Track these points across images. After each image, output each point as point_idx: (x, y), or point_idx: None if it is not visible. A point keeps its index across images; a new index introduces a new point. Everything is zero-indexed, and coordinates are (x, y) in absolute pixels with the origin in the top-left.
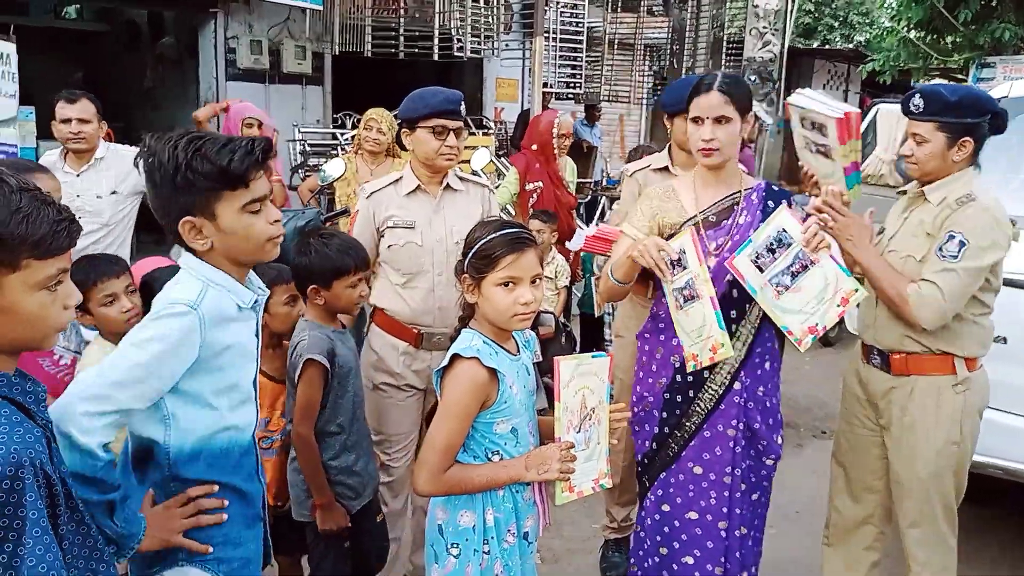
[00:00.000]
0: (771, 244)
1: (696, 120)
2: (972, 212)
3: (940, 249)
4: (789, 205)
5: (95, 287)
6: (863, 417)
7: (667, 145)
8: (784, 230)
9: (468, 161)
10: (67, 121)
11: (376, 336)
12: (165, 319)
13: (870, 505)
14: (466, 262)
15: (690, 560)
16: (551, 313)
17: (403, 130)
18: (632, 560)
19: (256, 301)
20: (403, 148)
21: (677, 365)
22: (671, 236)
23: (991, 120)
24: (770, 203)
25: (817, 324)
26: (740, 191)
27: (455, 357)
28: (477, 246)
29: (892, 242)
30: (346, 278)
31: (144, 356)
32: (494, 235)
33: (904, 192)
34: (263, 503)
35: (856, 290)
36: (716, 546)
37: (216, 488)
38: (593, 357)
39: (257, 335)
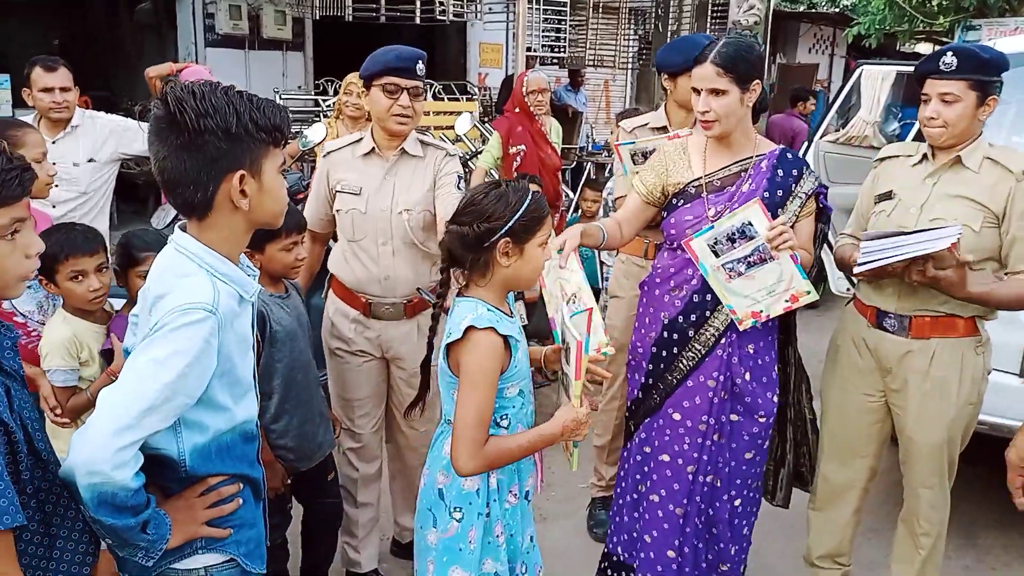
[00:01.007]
0: (733, 234)
1: (695, 90)
2: None
3: None
4: (801, 174)
5: (65, 262)
6: (863, 384)
7: (662, 104)
8: (750, 223)
9: (452, 127)
10: (49, 90)
11: (330, 301)
12: (184, 329)
13: (859, 470)
14: (509, 227)
15: (655, 498)
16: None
17: (361, 90)
18: (613, 498)
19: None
20: None
21: (666, 321)
22: (678, 196)
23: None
24: (779, 171)
25: (762, 312)
26: (751, 157)
27: (469, 329)
28: (524, 209)
29: (926, 211)
30: (278, 241)
31: (169, 375)
32: (529, 197)
33: (887, 158)
34: (263, 483)
35: (808, 292)
36: (681, 488)
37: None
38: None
39: (253, 323)
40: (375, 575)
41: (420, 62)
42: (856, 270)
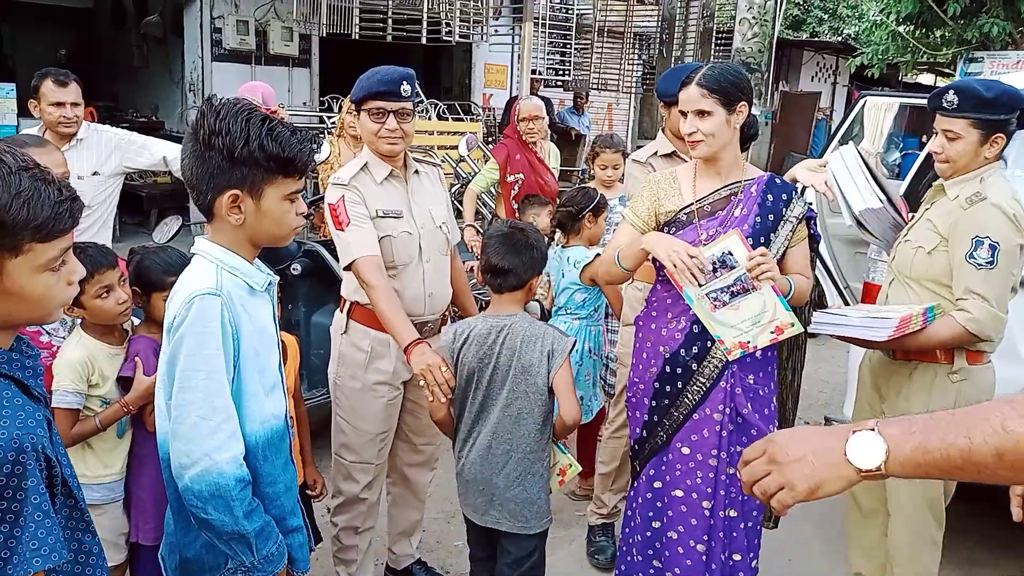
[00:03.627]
0: (714, 263)
1: (683, 113)
2: (988, 212)
3: (971, 256)
4: (791, 199)
5: (91, 279)
6: (870, 406)
7: (660, 130)
8: (730, 253)
9: (456, 147)
10: (60, 104)
11: (357, 336)
12: (196, 315)
13: (880, 493)
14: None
15: (674, 535)
16: (538, 301)
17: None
18: (621, 538)
19: (270, 284)
20: None
21: (667, 355)
22: (670, 224)
23: (1019, 115)
24: (769, 196)
25: (749, 343)
26: (740, 182)
27: None
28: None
29: (910, 232)
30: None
31: (205, 361)
32: None
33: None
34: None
35: (792, 324)
36: (699, 524)
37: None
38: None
39: (274, 319)
40: None
41: (405, 82)
42: (810, 328)
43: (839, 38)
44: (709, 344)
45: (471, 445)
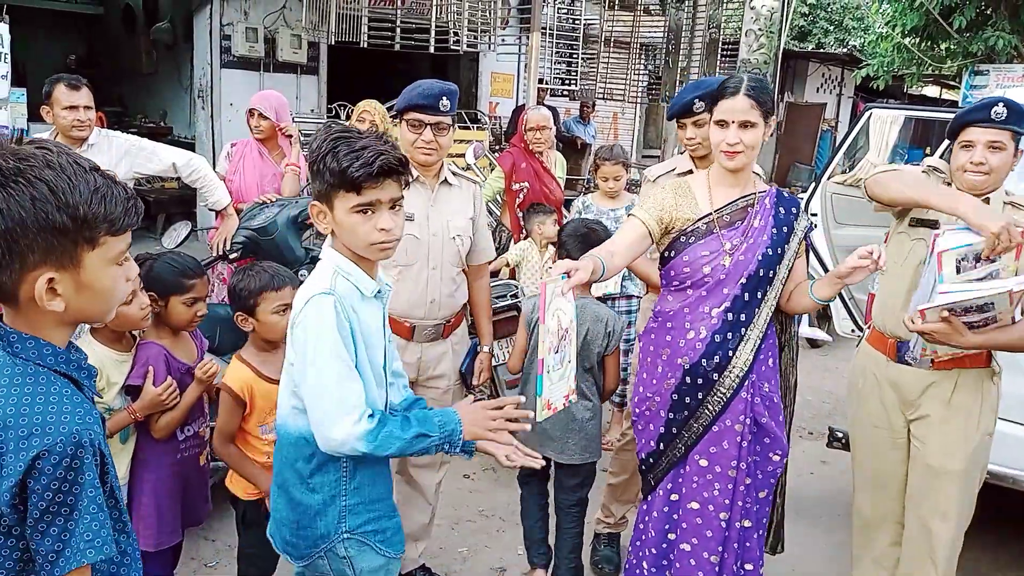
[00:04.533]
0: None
1: (721, 123)
2: None
3: None
4: (799, 213)
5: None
6: (889, 421)
7: (679, 151)
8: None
9: (463, 155)
10: (73, 108)
11: None
12: (313, 314)
13: (891, 504)
14: None
15: (687, 547)
16: None
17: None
18: (630, 551)
19: (379, 292)
20: None
21: (687, 367)
22: (688, 233)
23: None
24: (781, 209)
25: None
26: (755, 193)
27: None
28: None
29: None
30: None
31: (331, 354)
32: None
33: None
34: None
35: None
36: (715, 535)
37: (523, 399)
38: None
39: (384, 324)
40: None
41: (445, 97)
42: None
43: (845, 50)
44: (730, 354)
45: None
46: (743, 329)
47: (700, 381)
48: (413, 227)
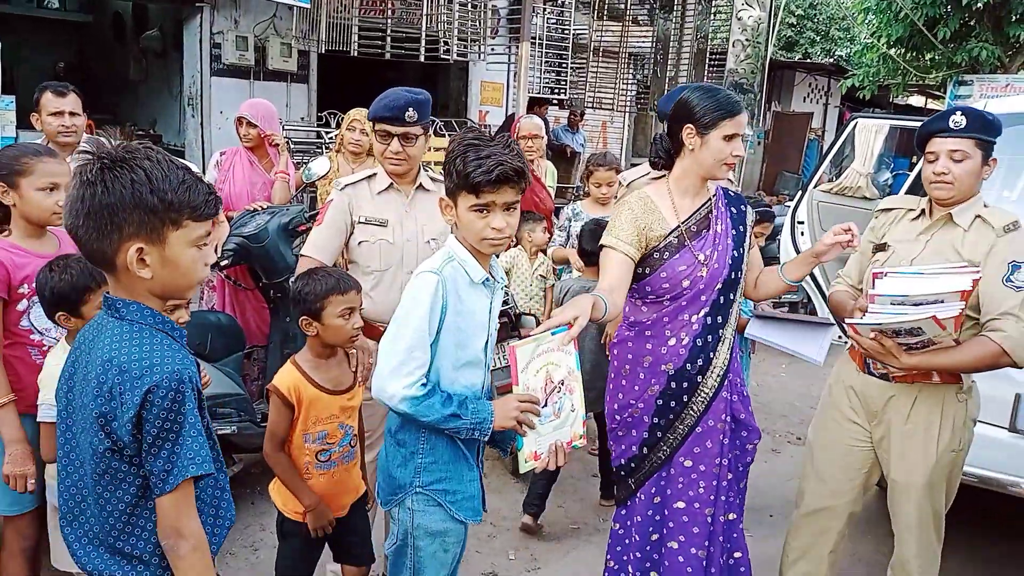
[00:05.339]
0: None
1: (730, 138)
2: None
3: (1009, 280)
4: (746, 206)
5: (100, 288)
6: (852, 429)
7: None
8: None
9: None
10: (59, 114)
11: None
12: (417, 287)
13: (837, 508)
14: None
15: (675, 545)
16: (533, 316)
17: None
18: (608, 556)
19: (486, 280)
20: None
21: (672, 372)
22: (662, 249)
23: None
24: (733, 209)
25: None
26: (709, 199)
27: None
28: None
29: (915, 265)
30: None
31: (415, 320)
32: None
33: (889, 209)
34: (479, 458)
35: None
36: (701, 531)
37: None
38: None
39: (491, 312)
40: None
41: (411, 108)
42: (851, 320)
43: (831, 60)
44: (711, 355)
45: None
46: (721, 330)
47: (686, 384)
48: (387, 232)
